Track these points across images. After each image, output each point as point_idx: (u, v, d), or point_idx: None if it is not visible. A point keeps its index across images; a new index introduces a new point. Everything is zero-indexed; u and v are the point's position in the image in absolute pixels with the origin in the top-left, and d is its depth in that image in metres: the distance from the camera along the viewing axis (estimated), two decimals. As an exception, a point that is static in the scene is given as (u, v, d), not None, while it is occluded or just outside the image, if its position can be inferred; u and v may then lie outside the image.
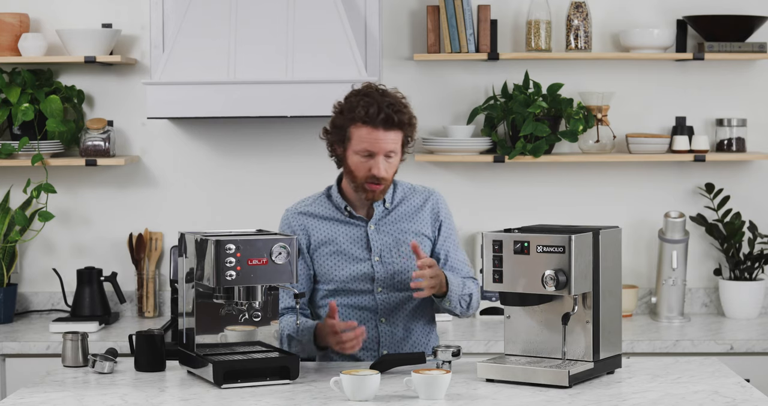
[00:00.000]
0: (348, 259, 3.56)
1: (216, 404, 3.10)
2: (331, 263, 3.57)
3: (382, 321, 3.58)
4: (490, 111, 4.79)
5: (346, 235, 3.58)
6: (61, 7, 4.87)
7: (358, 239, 3.58)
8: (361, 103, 3.48)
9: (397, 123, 3.47)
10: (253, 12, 4.55)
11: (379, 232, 3.58)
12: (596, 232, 3.29)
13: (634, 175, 4.93)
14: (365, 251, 3.57)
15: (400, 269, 3.57)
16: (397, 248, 3.57)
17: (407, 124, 3.51)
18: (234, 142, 4.91)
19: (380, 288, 3.57)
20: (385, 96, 3.50)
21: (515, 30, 4.89)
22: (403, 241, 3.58)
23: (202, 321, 3.38)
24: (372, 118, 3.45)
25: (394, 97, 3.52)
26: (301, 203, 3.67)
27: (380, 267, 3.56)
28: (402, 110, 3.50)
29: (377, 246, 3.57)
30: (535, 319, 3.37)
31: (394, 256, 3.57)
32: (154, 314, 4.87)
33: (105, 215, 4.92)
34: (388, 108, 3.47)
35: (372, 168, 3.47)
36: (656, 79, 4.92)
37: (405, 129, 3.51)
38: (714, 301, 4.94)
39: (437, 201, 3.67)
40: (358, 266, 3.56)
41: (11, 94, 4.68)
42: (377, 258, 3.56)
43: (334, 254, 3.57)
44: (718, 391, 3.19)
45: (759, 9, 4.85)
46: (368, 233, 3.58)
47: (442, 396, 3.11)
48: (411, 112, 3.54)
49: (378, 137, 3.46)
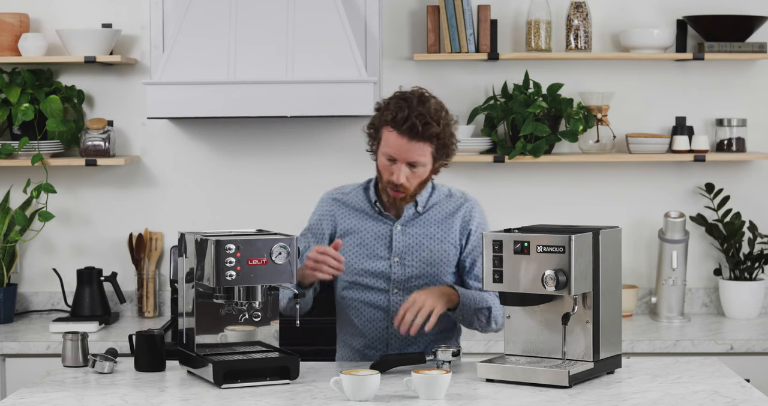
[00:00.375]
0: (368, 254, 3.56)
1: (216, 404, 3.10)
2: (351, 254, 3.57)
3: (393, 324, 3.56)
4: (490, 111, 4.79)
5: (371, 230, 3.57)
6: (61, 7, 4.87)
7: (382, 237, 3.56)
8: (394, 107, 3.41)
9: (421, 134, 3.39)
10: (253, 12, 4.55)
11: (404, 233, 3.56)
12: (596, 232, 3.28)
13: (634, 175, 4.93)
14: (386, 249, 3.56)
15: (418, 273, 3.55)
16: (419, 252, 3.55)
17: (436, 137, 3.41)
18: (234, 142, 4.91)
19: (395, 290, 3.55)
20: (422, 105, 3.41)
21: (515, 30, 4.89)
22: (426, 246, 3.55)
23: (202, 321, 3.38)
24: (398, 124, 3.40)
25: (430, 107, 3.41)
26: (338, 190, 3.66)
27: (398, 268, 3.55)
28: (431, 123, 3.39)
29: (399, 247, 3.55)
30: (535, 319, 3.37)
31: (414, 259, 3.55)
32: (154, 314, 4.87)
33: (105, 215, 4.92)
34: (417, 118, 3.38)
35: (393, 174, 3.44)
36: (656, 79, 4.92)
37: (433, 142, 3.42)
38: (714, 301, 4.94)
39: (470, 209, 3.61)
40: (377, 263, 3.55)
41: (11, 94, 4.69)
42: (397, 259, 3.55)
43: (357, 246, 3.57)
44: (718, 391, 3.19)
45: (759, 9, 4.85)
46: (393, 232, 3.56)
47: (442, 396, 3.11)
48: (447, 128, 3.43)
49: (401, 145, 3.41)
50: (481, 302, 3.51)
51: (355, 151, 4.88)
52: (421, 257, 3.55)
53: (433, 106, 3.43)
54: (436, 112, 3.42)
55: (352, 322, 3.61)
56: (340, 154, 4.90)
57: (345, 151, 4.90)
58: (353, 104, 4.42)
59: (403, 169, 3.43)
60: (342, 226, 3.60)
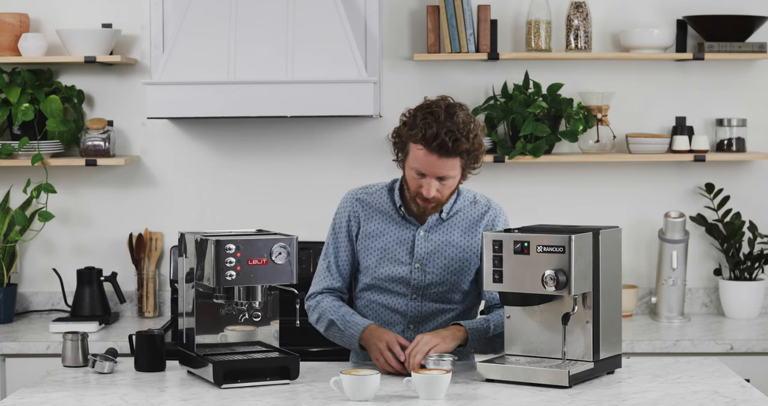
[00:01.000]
0: (389, 258, 3.53)
1: (216, 404, 3.10)
2: (373, 257, 3.54)
3: (410, 327, 3.55)
4: (490, 111, 4.79)
5: (394, 234, 3.54)
6: (61, 7, 4.87)
7: (405, 241, 3.53)
8: (422, 123, 3.33)
9: (452, 151, 3.33)
10: (253, 12, 4.55)
11: (427, 239, 3.52)
12: (596, 232, 3.29)
13: (634, 175, 4.93)
14: (408, 254, 3.53)
15: (439, 280, 3.52)
16: (440, 259, 3.52)
17: (466, 152, 3.35)
18: (234, 142, 4.91)
19: (415, 295, 3.53)
20: (450, 119, 3.33)
21: (515, 30, 4.89)
22: (448, 253, 3.52)
23: (202, 321, 3.38)
24: (428, 142, 3.32)
25: (458, 121, 3.33)
26: (363, 190, 3.62)
27: (419, 274, 3.52)
28: (461, 138, 3.32)
29: (420, 253, 3.52)
30: (535, 319, 3.37)
31: (435, 266, 3.52)
32: (154, 314, 4.87)
33: (105, 215, 4.92)
34: (447, 135, 3.31)
35: (422, 187, 3.40)
36: (656, 79, 4.92)
37: (463, 156, 3.37)
38: (714, 301, 4.94)
39: (494, 217, 3.57)
40: (398, 268, 3.53)
41: (11, 94, 4.68)
42: (418, 265, 3.52)
43: (378, 250, 3.54)
44: (718, 391, 3.19)
45: (759, 9, 4.85)
46: (416, 237, 3.53)
47: (442, 396, 3.11)
48: (475, 140, 3.36)
49: (431, 161, 3.35)
50: (494, 329, 3.47)
51: (355, 151, 4.88)
52: (442, 264, 3.52)
53: (461, 118, 3.34)
54: (465, 125, 3.34)
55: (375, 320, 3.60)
56: (340, 154, 4.90)
57: (345, 151, 4.90)
58: (353, 104, 4.42)
59: (433, 184, 3.39)
60: (365, 228, 3.56)
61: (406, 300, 3.54)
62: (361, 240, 3.57)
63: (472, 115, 3.40)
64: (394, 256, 3.53)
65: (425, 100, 3.41)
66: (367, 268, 3.56)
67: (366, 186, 3.64)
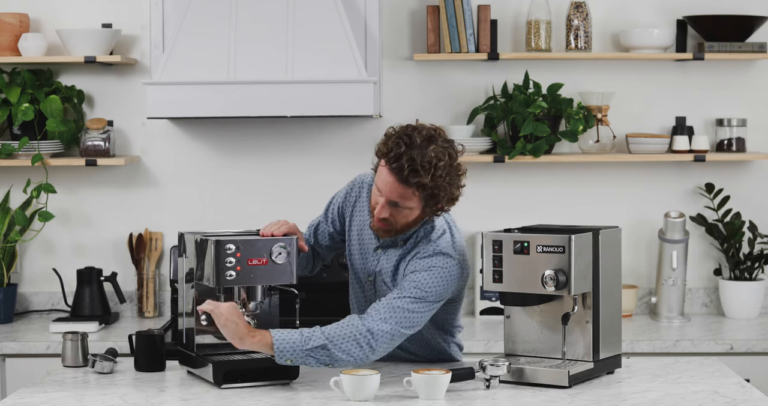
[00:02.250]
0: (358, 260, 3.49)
1: (216, 404, 3.10)
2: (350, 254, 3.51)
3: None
4: (490, 111, 4.79)
5: (363, 242, 3.48)
6: (61, 7, 4.87)
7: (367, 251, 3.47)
8: (394, 142, 3.22)
9: (406, 180, 3.19)
10: (253, 12, 4.55)
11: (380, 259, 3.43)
12: (596, 232, 3.29)
13: (634, 175, 4.93)
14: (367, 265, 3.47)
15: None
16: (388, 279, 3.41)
17: (422, 187, 3.20)
18: (234, 142, 4.91)
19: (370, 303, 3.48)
20: (420, 148, 3.19)
21: (515, 30, 4.89)
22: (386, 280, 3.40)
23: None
24: (389, 161, 3.21)
25: (428, 154, 3.19)
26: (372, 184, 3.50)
27: (370, 287, 3.47)
28: (419, 172, 3.18)
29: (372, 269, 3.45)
30: (535, 319, 3.37)
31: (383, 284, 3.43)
32: (154, 314, 4.87)
33: (105, 215, 4.92)
34: (408, 162, 3.18)
35: (376, 205, 3.30)
36: (656, 79, 4.92)
37: (419, 191, 3.22)
38: (714, 301, 4.94)
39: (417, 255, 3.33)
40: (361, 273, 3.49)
41: (11, 94, 4.68)
42: (371, 279, 3.46)
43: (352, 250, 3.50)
44: (718, 391, 3.19)
45: (759, 9, 4.85)
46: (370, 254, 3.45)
47: (441, 396, 3.11)
48: (439, 179, 3.20)
49: (389, 183, 3.23)
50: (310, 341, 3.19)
51: (355, 151, 4.88)
52: (390, 284, 3.42)
53: (432, 152, 3.20)
54: (432, 160, 3.19)
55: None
56: (340, 154, 4.90)
57: (345, 151, 4.90)
58: (353, 104, 4.42)
59: (386, 207, 3.27)
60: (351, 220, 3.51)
61: (366, 305, 3.48)
62: (349, 227, 3.52)
63: (452, 156, 3.25)
64: (360, 260, 3.48)
65: (416, 123, 3.31)
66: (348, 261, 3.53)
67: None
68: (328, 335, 3.20)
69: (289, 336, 3.19)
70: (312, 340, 3.19)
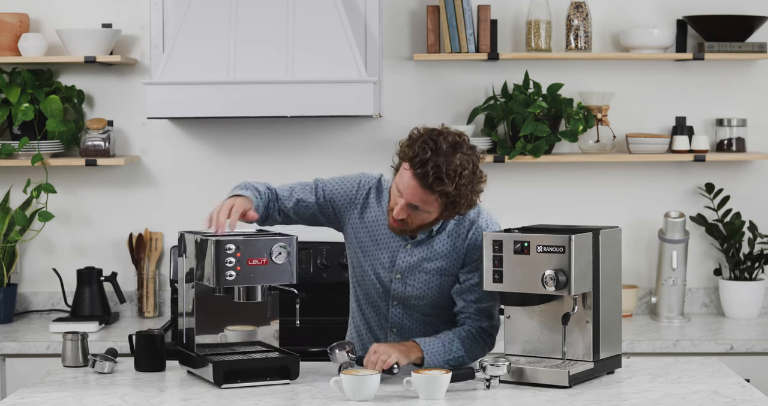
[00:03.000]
0: (373, 261, 3.47)
1: (216, 404, 3.10)
2: (359, 251, 3.49)
3: (393, 331, 3.52)
4: (490, 111, 4.79)
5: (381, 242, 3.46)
6: (61, 7, 4.87)
7: (390, 248, 3.46)
8: (420, 146, 3.21)
9: (430, 186, 3.21)
10: (253, 12, 4.55)
11: (411, 254, 3.44)
12: (596, 232, 3.29)
13: (634, 175, 4.93)
14: (390, 263, 3.46)
15: (419, 294, 3.46)
16: (420, 273, 3.44)
17: (445, 194, 3.22)
18: (234, 142, 4.91)
19: (396, 302, 3.49)
20: (447, 156, 3.20)
21: (515, 30, 4.89)
22: (428, 272, 3.43)
23: (202, 321, 3.38)
24: (415, 166, 3.21)
25: (453, 162, 3.20)
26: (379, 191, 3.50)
27: (399, 285, 3.47)
28: (444, 180, 3.19)
29: (402, 265, 3.45)
30: (535, 319, 3.37)
31: (417, 280, 3.45)
32: (154, 314, 4.87)
33: (105, 215, 4.92)
34: (433, 169, 3.19)
35: (395, 205, 3.31)
36: (656, 79, 4.92)
37: (441, 197, 3.23)
38: (714, 301, 4.94)
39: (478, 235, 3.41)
40: (380, 272, 3.47)
41: (11, 94, 4.68)
42: (399, 276, 3.46)
43: (363, 247, 3.48)
44: (718, 391, 3.19)
45: (759, 9, 4.85)
46: (400, 248, 3.45)
47: (441, 396, 3.11)
48: (462, 188, 3.22)
49: (411, 186, 3.24)
50: (450, 352, 3.37)
51: (355, 151, 4.88)
52: (422, 280, 3.45)
53: (457, 160, 3.21)
54: (456, 169, 3.20)
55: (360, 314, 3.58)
56: (340, 154, 4.90)
57: (345, 151, 4.90)
58: (353, 104, 4.42)
59: (405, 208, 3.29)
60: (354, 225, 3.49)
61: (387, 305, 3.50)
62: (351, 232, 3.51)
63: (475, 164, 3.26)
64: (380, 260, 3.47)
65: (442, 127, 3.30)
66: (357, 263, 3.51)
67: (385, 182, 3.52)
68: (467, 349, 3.39)
69: (435, 349, 3.35)
70: (450, 352, 3.37)
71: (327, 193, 3.53)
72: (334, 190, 3.53)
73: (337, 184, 3.55)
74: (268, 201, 3.47)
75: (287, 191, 3.52)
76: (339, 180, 3.56)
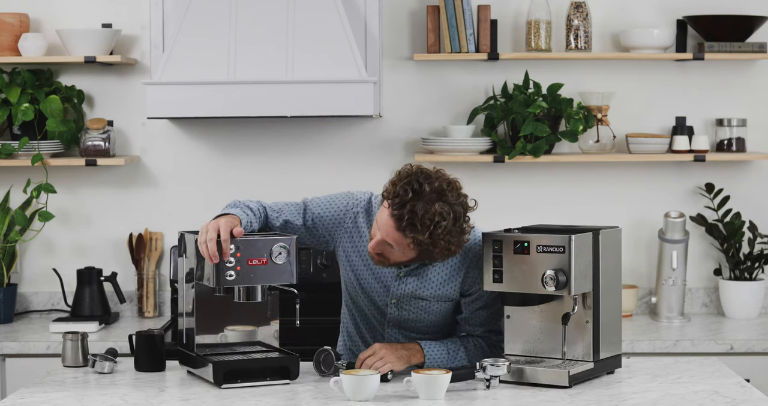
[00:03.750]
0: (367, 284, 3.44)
1: (216, 404, 3.10)
2: (352, 273, 3.45)
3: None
4: (490, 111, 4.79)
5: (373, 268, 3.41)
6: (61, 7, 4.87)
7: (383, 277, 3.42)
8: (402, 186, 3.12)
9: (402, 230, 3.12)
10: (253, 12, 4.55)
11: (404, 282, 3.41)
12: (596, 232, 3.29)
13: (634, 175, 4.93)
14: (385, 289, 3.44)
15: (415, 318, 3.44)
16: (416, 301, 3.41)
17: (418, 243, 3.13)
18: (234, 142, 4.91)
19: (391, 323, 3.48)
20: (426, 203, 3.10)
21: (515, 30, 4.89)
22: (425, 298, 3.40)
23: (202, 321, 3.38)
24: (393, 206, 3.13)
25: (431, 210, 3.09)
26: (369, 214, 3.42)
27: (394, 310, 3.45)
28: (418, 227, 3.09)
29: (397, 293, 3.43)
30: (535, 319, 3.37)
31: (411, 306, 3.43)
32: (154, 314, 4.87)
33: (105, 215, 4.92)
34: (408, 214, 3.10)
35: (373, 237, 3.24)
36: (656, 79, 4.92)
37: (415, 244, 3.14)
38: (714, 301, 4.94)
39: (475, 253, 3.37)
40: (375, 295, 3.44)
41: (11, 94, 4.68)
42: (394, 301, 3.44)
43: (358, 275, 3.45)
44: (718, 391, 3.19)
45: (759, 9, 4.85)
46: (393, 279, 3.41)
47: (441, 396, 3.11)
48: (438, 239, 3.11)
49: (387, 224, 3.16)
50: (453, 361, 3.38)
51: (355, 151, 4.88)
52: (418, 305, 3.43)
53: (437, 208, 3.10)
54: (433, 218, 3.09)
55: (355, 323, 3.57)
56: (340, 154, 4.90)
57: (345, 151, 4.90)
58: (353, 104, 4.42)
59: (381, 244, 3.21)
60: (345, 248, 3.44)
61: (383, 326, 3.48)
62: (342, 254, 3.47)
63: (458, 214, 3.14)
64: (371, 285, 3.44)
65: (433, 169, 3.19)
66: (351, 281, 3.47)
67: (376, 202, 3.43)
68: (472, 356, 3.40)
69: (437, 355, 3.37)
70: (457, 359, 3.39)
71: (315, 216, 3.45)
72: (322, 214, 3.45)
73: (325, 206, 3.45)
74: (262, 217, 3.44)
75: (276, 212, 3.47)
76: (326, 202, 3.46)
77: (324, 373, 3.36)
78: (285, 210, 3.47)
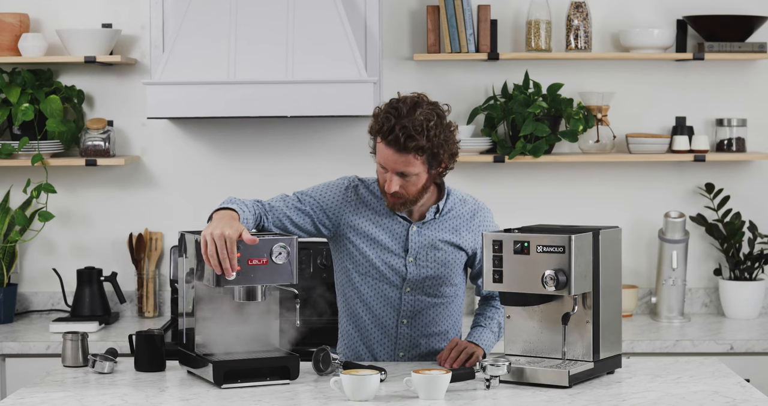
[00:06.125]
0: (384, 248, 3.52)
1: (216, 404, 3.10)
2: (366, 248, 3.53)
3: (404, 323, 3.56)
4: (490, 111, 4.79)
5: (386, 227, 3.53)
6: (61, 7, 4.87)
7: (398, 235, 3.53)
8: (383, 116, 3.37)
9: (405, 147, 3.33)
10: (253, 12, 4.55)
11: (420, 234, 3.53)
12: (596, 232, 3.29)
13: (634, 175, 4.94)
14: (401, 248, 3.53)
15: (433, 274, 3.53)
16: (433, 252, 3.53)
17: (421, 149, 3.34)
18: (234, 142, 4.91)
19: (408, 288, 3.54)
20: (409, 116, 3.34)
21: (515, 30, 4.89)
22: (440, 248, 3.53)
23: (202, 321, 3.38)
24: (384, 135, 3.35)
25: (417, 118, 3.33)
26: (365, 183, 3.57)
27: (413, 268, 3.53)
28: (415, 136, 3.32)
29: (414, 247, 3.52)
30: (535, 319, 3.37)
31: (429, 259, 3.53)
32: (154, 314, 4.87)
33: (105, 215, 4.92)
34: (401, 131, 3.32)
35: (386, 182, 3.42)
36: (656, 79, 4.92)
37: (419, 154, 3.35)
38: (714, 301, 4.94)
39: (485, 217, 3.60)
40: (392, 259, 3.53)
41: (11, 94, 4.69)
42: (411, 259, 3.52)
43: (371, 242, 3.52)
44: (718, 391, 3.19)
45: (759, 9, 4.85)
46: (409, 232, 3.53)
47: (442, 396, 3.11)
48: (435, 138, 3.34)
49: (389, 156, 3.37)
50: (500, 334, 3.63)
51: (355, 151, 4.88)
52: (435, 258, 3.53)
53: (421, 116, 3.34)
54: (422, 123, 3.33)
55: (360, 318, 3.59)
56: (340, 154, 4.91)
57: (345, 151, 4.90)
58: (353, 104, 4.42)
59: (395, 179, 3.39)
60: (353, 222, 3.53)
61: (400, 293, 3.54)
62: (350, 232, 3.54)
63: (440, 115, 3.39)
64: (388, 247, 3.53)
65: (398, 95, 3.44)
66: (361, 260, 3.54)
67: (369, 180, 3.59)
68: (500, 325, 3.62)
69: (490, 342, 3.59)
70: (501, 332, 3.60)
71: (316, 201, 3.55)
72: (323, 197, 3.56)
73: (323, 190, 3.58)
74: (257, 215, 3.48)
75: (269, 204, 3.54)
76: (323, 187, 3.60)
77: (322, 372, 3.37)
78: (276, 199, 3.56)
